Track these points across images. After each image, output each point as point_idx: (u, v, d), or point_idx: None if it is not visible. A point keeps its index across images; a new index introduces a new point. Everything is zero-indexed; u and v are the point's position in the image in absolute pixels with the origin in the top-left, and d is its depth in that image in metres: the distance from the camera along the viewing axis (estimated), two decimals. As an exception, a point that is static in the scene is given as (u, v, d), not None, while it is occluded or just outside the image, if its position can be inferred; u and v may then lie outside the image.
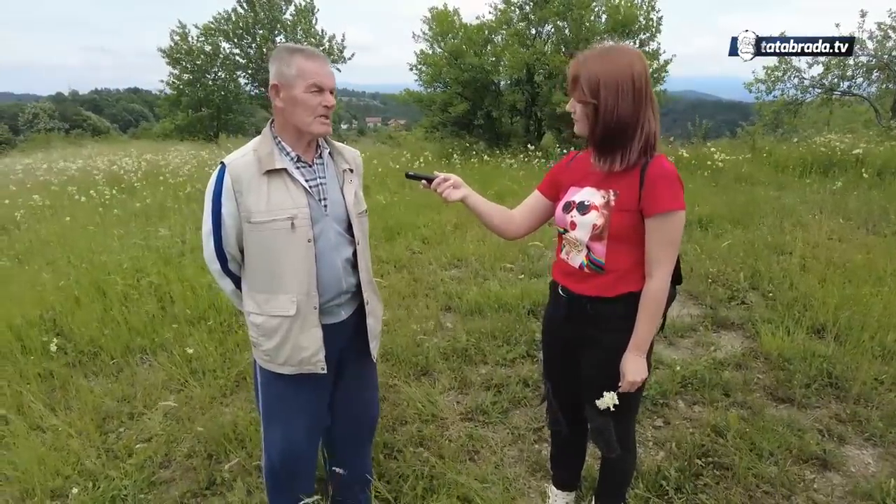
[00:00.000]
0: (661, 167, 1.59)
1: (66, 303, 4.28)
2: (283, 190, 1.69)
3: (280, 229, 1.67)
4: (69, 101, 76.22)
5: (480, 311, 4.10)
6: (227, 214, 1.69)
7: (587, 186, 1.70)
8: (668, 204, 1.56)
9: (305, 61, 1.65)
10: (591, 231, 1.65)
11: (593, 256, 1.69)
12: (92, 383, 3.43)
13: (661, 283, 1.63)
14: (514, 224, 1.90)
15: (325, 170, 1.80)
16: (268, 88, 1.72)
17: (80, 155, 16.05)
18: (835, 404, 2.90)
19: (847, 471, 2.44)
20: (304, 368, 1.80)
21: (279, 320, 1.74)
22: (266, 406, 1.93)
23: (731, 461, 2.43)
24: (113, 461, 2.71)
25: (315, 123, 1.69)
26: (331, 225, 1.77)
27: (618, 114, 1.55)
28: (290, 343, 1.76)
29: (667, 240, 1.60)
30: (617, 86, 1.53)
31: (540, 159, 10.88)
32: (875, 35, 13.30)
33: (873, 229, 5.84)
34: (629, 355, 1.68)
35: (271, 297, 1.74)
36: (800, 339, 3.40)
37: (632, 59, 1.56)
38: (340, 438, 2.09)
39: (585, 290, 1.72)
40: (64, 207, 8.17)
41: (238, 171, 1.67)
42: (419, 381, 3.26)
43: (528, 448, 2.66)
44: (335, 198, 1.80)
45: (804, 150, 9.97)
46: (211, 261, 1.78)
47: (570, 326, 1.81)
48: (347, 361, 1.96)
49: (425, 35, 14.25)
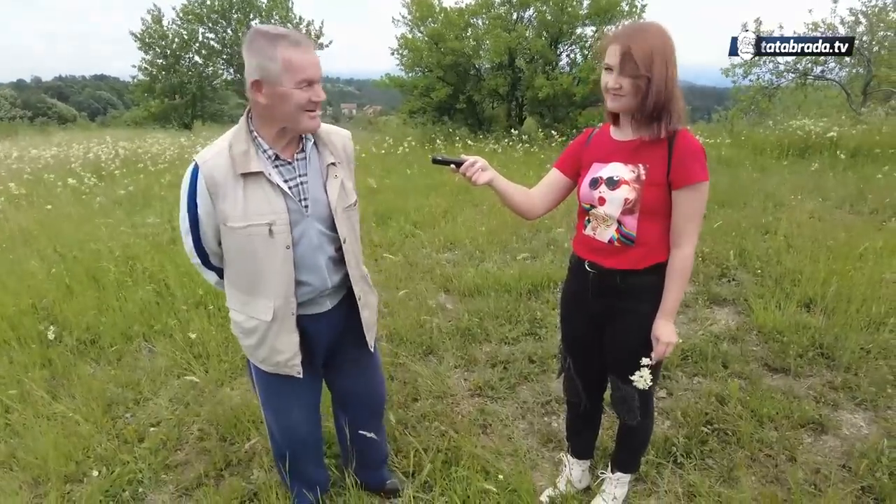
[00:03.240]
0: (689, 140, 1.64)
1: (59, 291, 4.21)
2: (260, 194, 1.58)
3: (257, 235, 1.59)
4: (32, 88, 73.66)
5: (480, 293, 4.16)
6: (204, 213, 1.61)
7: (613, 162, 1.73)
8: (697, 175, 1.62)
9: (291, 51, 1.47)
10: (623, 205, 1.69)
11: (624, 230, 1.72)
12: (93, 370, 3.41)
13: (689, 251, 1.69)
14: (533, 202, 1.92)
15: (306, 165, 1.67)
16: (244, 76, 1.56)
17: (50, 143, 15.61)
18: (827, 373, 3.03)
19: (842, 434, 2.57)
20: (280, 370, 1.79)
21: (256, 322, 1.71)
22: (262, 394, 1.94)
23: (735, 427, 2.54)
24: (124, 446, 2.70)
25: (304, 120, 1.56)
26: (312, 226, 1.68)
27: (667, 86, 1.59)
28: (266, 345, 1.74)
29: (694, 210, 1.66)
30: (665, 59, 1.58)
31: (524, 144, 10.93)
32: (846, 21, 13.61)
33: (851, 209, 6.04)
34: (660, 321, 1.74)
35: (250, 300, 1.71)
36: (790, 313, 3.53)
37: (667, 33, 1.61)
38: (352, 420, 2.10)
39: (616, 265, 1.75)
40: (42, 196, 7.98)
41: (211, 173, 1.55)
42: (425, 359, 3.31)
43: (537, 421, 2.74)
44: (317, 196, 1.68)
45: (781, 133, 10.21)
46: (191, 256, 1.73)
47: (598, 301, 1.84)
48: (341, 349, 1.94)
49: (405, 19, 14.13)
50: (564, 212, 5.54)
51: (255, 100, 1.53)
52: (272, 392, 1.90)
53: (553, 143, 11.21)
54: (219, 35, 24.10)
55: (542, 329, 3.57)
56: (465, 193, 7.05)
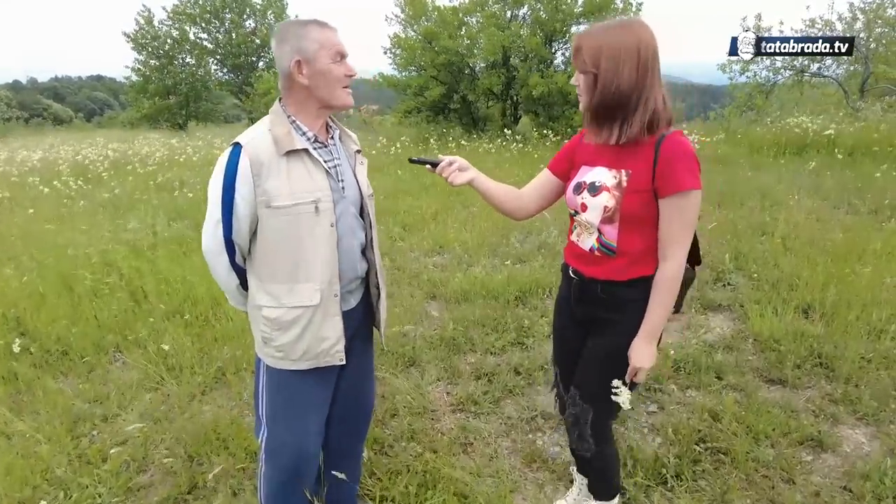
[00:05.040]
0: (676, 144, 1.49)
1: (31, 300, 4.07)
2: (304, 172, 1.59)
3: (304, 213, 1.58)
4: (28, 89, 73.40)
5: (466, 299, 4.02)
6: (242, 200, 1.56)
7: (599, 166, 1.61)
8: (683, 182, 1.47)
9: (322, 31, 1.57)
10: (602, 213, 1.57)
11: (604, 240, 1.60)
12: (61, 384, 3.26)
13: (676, 266, 1.55)
14: (522, 203, 1.82)
15: (338, 151, 1.73)
16: (273, 70, 1.59)
17: (41, 145, 15.45)
18: (826, 384, 2.90)
19: (842, 451, 2.43)
20: (322, 361, 1.70)
21: (300, 311, 1.63)
22: (272, 407, 1.79)
23: (729, 446, 2.40)
24: (86, 467, 2.55)
25: (343, 95, 1.62)
26: (348, 208, 1.70)
27: (618, 84, 1.45)
28: (309, 334, 1.66)
29: (682, 221, 1.51)
30: (619, 55, 1.44)
31: (518, 143, 10.80)
32: (844, 17, 13.49)
33: (850, 208, 5.91)
34: (639, 341, 1.60)
35: (293, 287, 1.63)
36: (788, 320, 3.40)
37: (639, 31, 1.47)
38: (339, 429, 1.97)
39: (596, 274, 1.65)
40: (26, 199, 7.83)
41: (256, 152, 1.55)
42: (407, 372, 3.16)
43: (521, 438, 2.60)
44: (350, 180, 1.73)
45: (777, 131, 10.08)
46: (218, 252, 1.63)
47: (580, 309, 1.74)
48: (353, 350, 1.86)
49: (398, 18, 13.98)
50: (557, 213, 5.40)
51: (296, 82, 1.58)
52: (291, 395, 1.76)
53: (547, 143, 11.08)
54: (212, 35, 23.94)
55: (529, 338, 3.43)
56: (457, 195, 6.91)
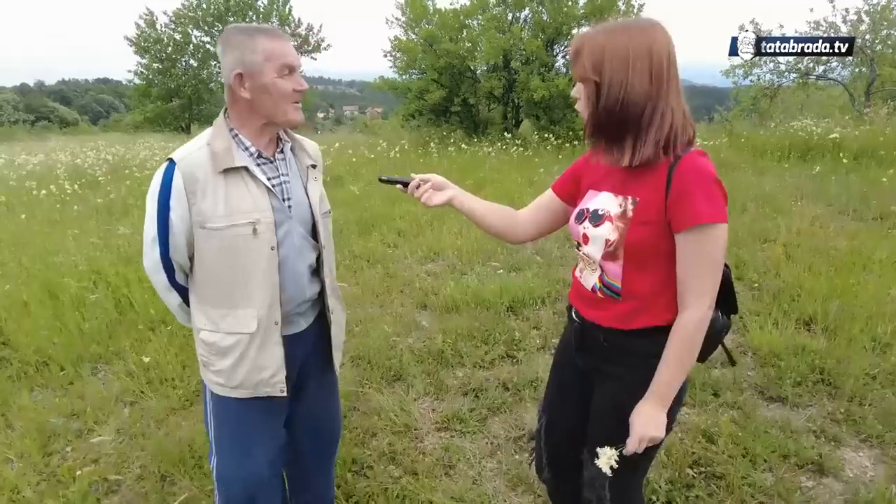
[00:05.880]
0: (694, 166, 1.22)
1: (13, 309, 3.98)
2: (244, 191, 1.48)
3: (240, 235, 1.47)
4: (35, 92, 73.95)
5: (458, 309, 3.91)
6: (177, 218, 1.46)
7: (605, 191, 1.37)
8: (701, 214, 1.19)
9: (271, 42, 1.45)
10: (604, 247, 1.32)
11: (607, 279, 1.36)
12: (39, 398, 3.17)
13: (697, 317, 1.25)
14: (517, 227, 1.59)
15: (287, 166, 1.60)
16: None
17: (43, 148, 15.44)
18: (828, 402, 2.77)
19: (845, 476, 2.30)
20: (260, 391, 1.58)
21: (236, 338, 1.52)
22: (219, 435, 1.68)
23: (725, 470, 2.28)
24: (55, 487, 2.46)
25: (290, 111, 1.50)
26: (295, 228, 1.58)
27: (626, 94, 1.21)
28: (247, 363, 1.54)
29: (702, 261, 1.23)
30: (627, 60, 1.21)
31: (518, 147, 10.69)
32: (849, 19, 13.33)
33: (855, 214, 5.78)
34: (644, 405, 1.32)
35: (228, 313, 1.52)
36: (789, 333, 3.27)
37: (652, 32, 1.23)
38: (302, 457, 1.88)
39: (598, 319, 1.39)
40: (22, 204, 7.77)
41: (191, 169, 1.44)
42: (392, 387, 3.05)
43: (507, 460, 2.48)
44: (299, 198, 1.60)
45: (781, 134, 9.94)
46: (155, 271, 1.53)
47: (581, 357, 1.50)
48: (308, 374, 1.75)
49: (399, 21, 13.91)
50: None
51: (238, 95, 1.47)
52: (236, 425, 1.65)
53: (548, 146, 10.97)
54: (215, 38, 23.95)
55: (519, 351, 3.32)
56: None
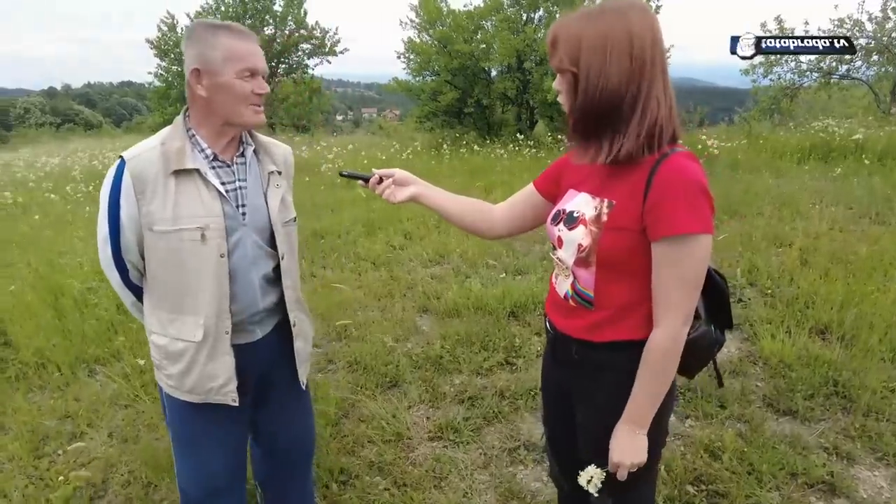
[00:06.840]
0: (677, 169, 1.11)
1: (18, 309, 4.00)
2: (194, 194, 1.42)
3: (188, 241, 1.41)
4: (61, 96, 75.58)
5: (459, 313, 3.82)
6: (127, 218, 1.42)
7: (584, 192, 1.28)
8: (679, 223, 1.09)
9: (233, 41, 1.39)
10: (577, 252, 1.23)
11: (579, 286, 1.27)
12: (35, 399, 3.16)
13: (669, 334, 1.15)
14: (493, 222, 1.52)
15: (246, 171, 1.53)
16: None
17: (64, 150, 15.73)
18: (842, 417, 2.63)
19: (858, 497, 2.16)
20: (212, 398, 1.52)
21: (185, 345, 1.47)
22: (176, 437, 1.64)
23: (728, 488, 2.16)
24: (43, 491, 2.43)
25: (248, 113, 1.44)
26: (249, 236, 1.51)
27: (604, 85, 1.12)
28: (196, 369, 1.48)
29: (677, 275, 1.12)
30: (605, 48, 1.11)
31: (531, 149, 10.58)
32: (875, 17, 12.96)
33: (877, 218, 5.56)
34: (620, 429, 1.23)
35: (176, 318, 1.47)
36: (801, 342, 3.12)
37: (630, 14, 1.12)
38: (275, 470, 1.82)
39: (569, 329, 1.31)
40: (37, 205, 7.89)
41: (139, 170, 1.38)
42: (386, 393, 2.98)
43: (500, 472, 2.39)
44: (256, 204, 1.53)
45: (802, 135, 9.68)
46: (108, 269, 1.49)
47: (555, 372, 1.43)
48: (271, 386, 1.69)
49: (412, 23, 13.88)
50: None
51: (195, 93, 1.42)
52: (190, 429, 1.61)
53: (562, 148, 10.83)
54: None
55: (518, 359, 3.22)
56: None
